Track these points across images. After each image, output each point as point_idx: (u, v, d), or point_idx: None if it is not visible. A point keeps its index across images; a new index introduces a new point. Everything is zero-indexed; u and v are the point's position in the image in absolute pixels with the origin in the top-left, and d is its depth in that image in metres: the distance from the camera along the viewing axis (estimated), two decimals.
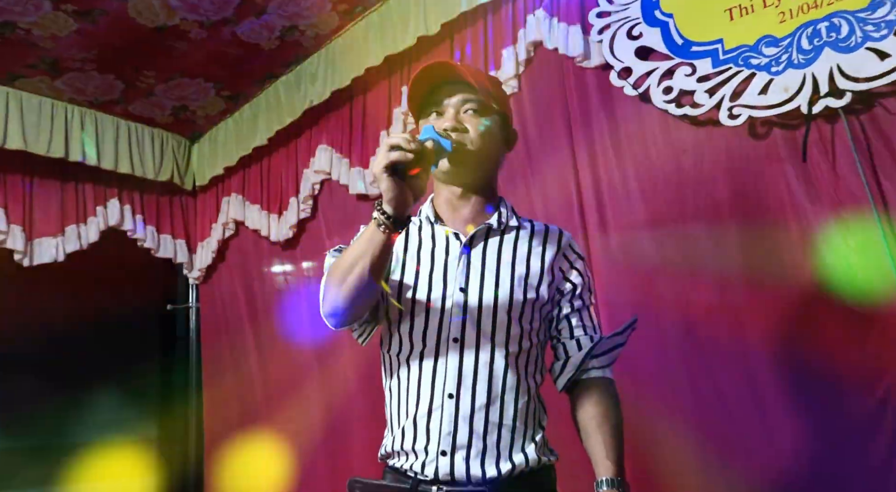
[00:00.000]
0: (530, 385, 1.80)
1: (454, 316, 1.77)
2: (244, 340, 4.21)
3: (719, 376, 2.58)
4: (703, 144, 2.67)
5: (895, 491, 2.25)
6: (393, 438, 1.81)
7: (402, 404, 1.81)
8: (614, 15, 2.83)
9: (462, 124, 1.77)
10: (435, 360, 1.77)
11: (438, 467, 1.71)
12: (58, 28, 3.24)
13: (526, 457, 1.74)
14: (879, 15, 2.30)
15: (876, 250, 2.30)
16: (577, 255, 1.92)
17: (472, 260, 1.81)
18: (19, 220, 3.64)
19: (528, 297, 1.79)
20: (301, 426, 3.83)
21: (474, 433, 1.72)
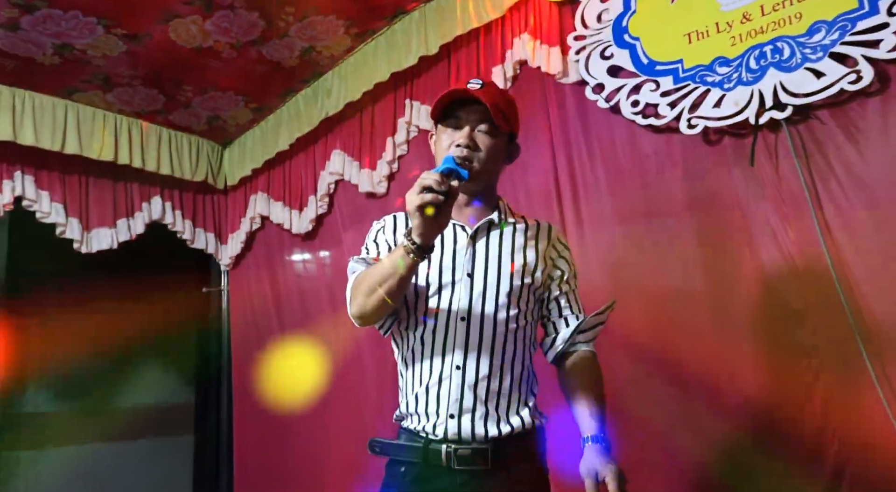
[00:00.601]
0: (525, 358, 1.83)
1: (462, 298, 1.78)
2: (268, 318, 4.22)
3: (675, 346, 2.59)
4: (665, 149, 2.67)
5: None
6: (407, 402, 1.83)
7: (415, 373, 1.83)
8: (589, 38, 2.83)
9: (474, 142, 1.78)
10: (445, 336, 1.78)
11: (448, 429, 1.74)
12: (109, 49, 3.24)
13: (521, 420, 1.77)
14: (816, 40, 2.31)
15: (813, 242, 2.31)
16: (564, 246, 1.95)
17: (478, 250, 1.83)
18: (76, 213, 3.65)
19: (525, 282, 1.82)
20: (318, 393, 3.83)
21: (478, 399, 1.75)
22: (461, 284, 1.80)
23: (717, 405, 2.50)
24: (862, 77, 2.21)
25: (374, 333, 1.98)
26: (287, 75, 3.70)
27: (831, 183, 2.30)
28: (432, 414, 1.77)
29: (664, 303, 2.62)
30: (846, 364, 2.23)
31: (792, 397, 2.34)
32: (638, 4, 2.75)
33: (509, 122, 1.84)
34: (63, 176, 3.64)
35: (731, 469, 2.46)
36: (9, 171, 3.45)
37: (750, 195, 2.47)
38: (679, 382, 2.57)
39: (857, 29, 2.23)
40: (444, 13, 3.21)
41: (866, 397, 2.17)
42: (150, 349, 5.02)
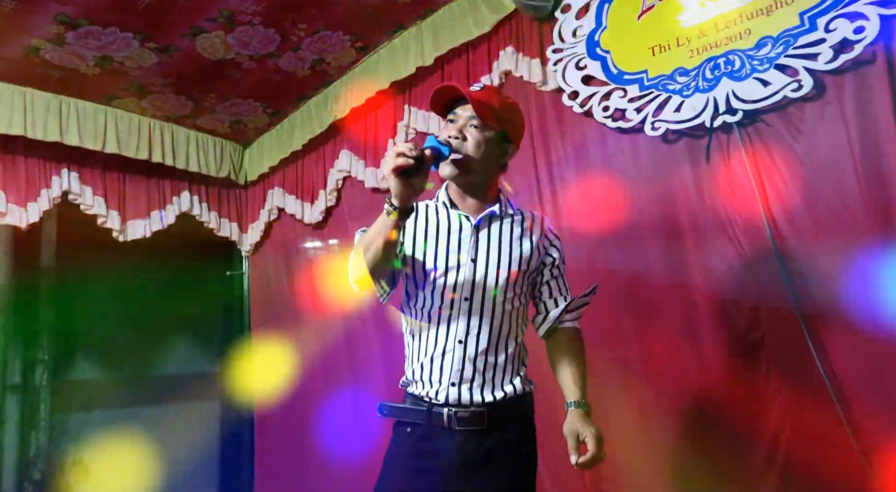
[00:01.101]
0: (518, 334, 1.85)
1: (466, 280, 1.79)
2: (283, 298, 4.23)
3: (641, 325, 2.63)
4: (631, 149, 2.70)
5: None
6: (413, 370, 1.85)
7: (421, 345, 1.84)
8: (566, 51, 2.85)
9: (462, 134, 1.78)
10: (449, 313, 1.80)
11: (449, 394, 1.76)
12: (143, 61, 3.24)
13: (514, 387, 1.80)
14: (763, 53, 2.34)
15: (759, 229, 2.35)
16: (555, 236, 1.96)
17: (481, 238, 1.84)
18: (115, 206, 3.67)
19: (522, 268, 1.84)
20: (329, 363, 3.86)
21: (477, 370, 1.77)
22: (466, 268, 1.80)
23: (669, 384, 2.55)
24: (802, 85, 2.24)
25: (377, 310, 2.00)
26: (300, 84, 3.71)
27: (775, 178, 2.33)
28: (436, 382, 1.79)
29: (629, 285, 2.65)
30: (786, 331, 2.27)
31: (740, 365, 2.38)
32: (608, 21, 2.76)
33: (500, 121, 1.83)
34: (104, 173, 3.65)
35: (686, 447, 2.50)
36: (56, 168, 3.47)
37: (705, 188, 2.50)
38: (637, 360, 2.62)
39: (799, 43, 2.26)
40: (438, 29, 3.22)
41: (802, 356, 2.21)
42: (181, 325, 5.04)
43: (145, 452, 4.80)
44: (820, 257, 2.22)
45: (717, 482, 2.38)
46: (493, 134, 1.83)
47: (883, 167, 2.10)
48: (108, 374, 4.76)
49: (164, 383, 4.95)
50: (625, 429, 2.60)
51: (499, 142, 1.86)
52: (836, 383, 2.15)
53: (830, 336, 2.18)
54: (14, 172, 3.32)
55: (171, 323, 4.96)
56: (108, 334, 4.72)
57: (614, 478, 2.62)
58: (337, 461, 3.72)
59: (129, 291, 4.56)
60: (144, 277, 4.46)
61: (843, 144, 2.19)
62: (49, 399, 4.43)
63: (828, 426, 2.14)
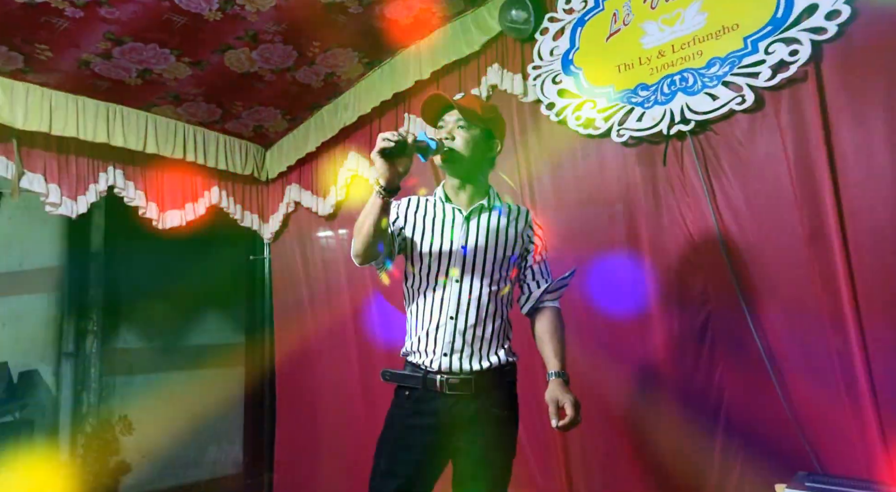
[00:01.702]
0: (503, 312, 1.87)
1: (457, 265, 1.82)
2: (299, 280, 4.23)
3: (605, 303, 2.65)
4: (599, 152, 2.72)
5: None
6: (411, 342, 1.88)
7: (418, 320, 1.86)
8: (544, 68, 2.86)
9: (451, 134, 1.82)
10: (442, 293, 1.82)
11: (441, 363, 1.79)
12: (179, 73, 3.24)
13: (498, 358, 1.83)
14: (712, 71, 2.36)
15: (707, 222, 2.37)
16: (537, 225, 1.97)
17: (471, 228, 1.86)
18: (154, 198, 3.66)
19: (507, 254, 1.86)
20: (338, 336, 3.88)
21: (466, 343, 1.80)
22: (457, 255, 1.83)
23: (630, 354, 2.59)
24: (745, 99, 2.27)
25: (381, 289, 2.02)
26: (314, 94, 3.70)
27: (722, 179, 2.36)
28: (430, 352, 1.82)
29: (595, 271, 2.65)
30: (729, 310, 2.30)
31: (690, 338, 2.41)
32: (580, 43, 2.77)
33: (483, 120, 1.86)
34: (144, 170, 3.65)
35: (643, 407, 2.53)
36: (104, 166, 3.46)
37: (662, 188, 2.53)
38: (602, 333, 2.64)
39: (743, 64, 2.28)
40: (434, 48, 3.22)
41: (742, 331, 2.25)
42: (211, 302, 5.05)
43: (179, 410, 4.83)
44: (758, 246, 2.26)
45: (671, 439, 2.42)
46: (479, 132, 1.86)
47: (812, 171, 2.14)
48: (148, 343, 4.78)
49: (196, 351, 4.97)
50: (591, 393, 2.65)
51: (485, 139, 1.88)
52: (770, 352, 2.19)
53: (766, 313, 2.22)
54: (67, 168, 3.31)
55: (203, 300, 4.97)
56: (149, 309, 4.74)
57: (581, 438, 2.66)
58: (346, 420, 3.75)
59: (166, 272, 4.57)
60: (180, 260, 4.48)
61: (778, 150, 2.22)
62: (98, 364, 4.46)
63: (763, 389, 2.19)
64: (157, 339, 4.80)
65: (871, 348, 1.98)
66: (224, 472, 5.16)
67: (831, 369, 2.06)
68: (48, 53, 2.91)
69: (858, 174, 2.06)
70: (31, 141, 3.19)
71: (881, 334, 1.97)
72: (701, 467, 2.32)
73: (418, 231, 1.89)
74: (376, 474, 1.83)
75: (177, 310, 4.86)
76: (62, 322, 4.40)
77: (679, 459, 2.39)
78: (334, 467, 3.81)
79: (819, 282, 2.09)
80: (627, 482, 2.54)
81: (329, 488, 3.82)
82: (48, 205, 3.25)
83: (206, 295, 4.89)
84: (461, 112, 1.83)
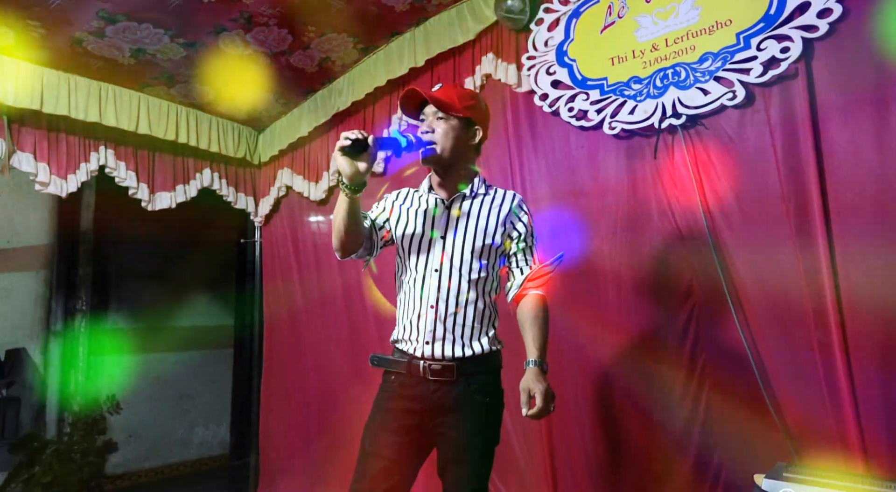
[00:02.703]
0: (486, 300, 1.86)
1: (436, 255, 1.84)
2: (289, 263, 4.22)
3: (594, 294, 2.66)
4: (591, 144, 2.71)
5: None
6: (398, 330, 1.90)
7: (404, 309, 1.89)
8: (538, 58, 2.85)
9: (431, 127, 1.84)
10: (423, 282, 1.84)
11: (424, 351, 1.81)
12: (172, 54, 3.21)
13: (481, 346, 1.83)
14: (705, 67, 2.35)
15: (696, 215, 2.38)
16: (523, 211, 1.95)
17: (451, 217, 1.87)
18: (145, 179, 3.63)
19: (486, 242, 1.85)
20: (328, 318, 3.87)
21: (447, 330, 1.81)
22: (437, 245, 1.85)
23: (618, 344, 2.59)
24: (736, 95, 2.27)
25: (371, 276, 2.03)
26: (308, 78, 3.67)
27: (711, 172, 2.37)
28: (414, 340, 1.84)
29: (585, 262, 2.67)
30: (714, 303, 2.32)
31: (676, 329, 2.43)
32: (575, 34, 2.76)
33: (462, 109, 1.86)
34: (136, 150, 3.61)
35: (626, 394, 2.55)
36: (94, 145, 3.42)
37: (651, 180, 2.53)
38: (591, 323, 2.65)
39: (735, 59, 2.28)
40: (429, 36, 3.20)
41: (727, 324, 2.27)
42: (201, 284, 5.05)
43: (167, 391, 4.83)
44: (745, 240, 2.27)
45: (653, 428, 2.44)
46: (459, 121, 1.86)
47: (800, 168, 2.14)
48: (137, 323, 4.77)
49: (185, 333, 4.97)
50: (574, 383, 2.67)
51: (465, 127, 1.88)
52: (753, 345, 2.21)
53: (751, 307, 2.24)
54: (57, 147, 3.28)
55: (193, 282, 4.97)
56: (138, 290, 4.73)
57: (565, 428, 2.68)
58: (332, 403, 3.76)
59: (156, 253, 4.56)
60: (170, 241, 4.47)
61: (767, 146, 2.23)
62: (86, 344, 4.45)
63: (744, 382, 2.21)
64: (146, 319, 4.79)
65: (851, 344, 2.00)
66: (211, 452, 5.18)
67: (812, 363, 2.08)
68: (40, 30, 2.87)
69: (845, 172, 2.07)
70: (22, 119, 3.15)
71: (863, 330, 1.99)
72: (681, 457, 2.35)
73: (402, 222, 1.92)
74: (361, 456, 1.85)
75: (166, 291, 4.85)
76: (51, 301, 4.38)
77: (659, 447, 2.41)
78: (319, 449, 3.82)
79: (804, 277, 2.11)
80: (609, 470, 2.56)
81: (314, 471, 3.83)
82: (37, 184, 3.22)
83: (196, 277, 4.89)
84: (437, 104, 1.84)
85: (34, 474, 3.82)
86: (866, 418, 1.96)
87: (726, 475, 2.24)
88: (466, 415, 1.80)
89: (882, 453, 1.93)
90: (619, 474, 2.53)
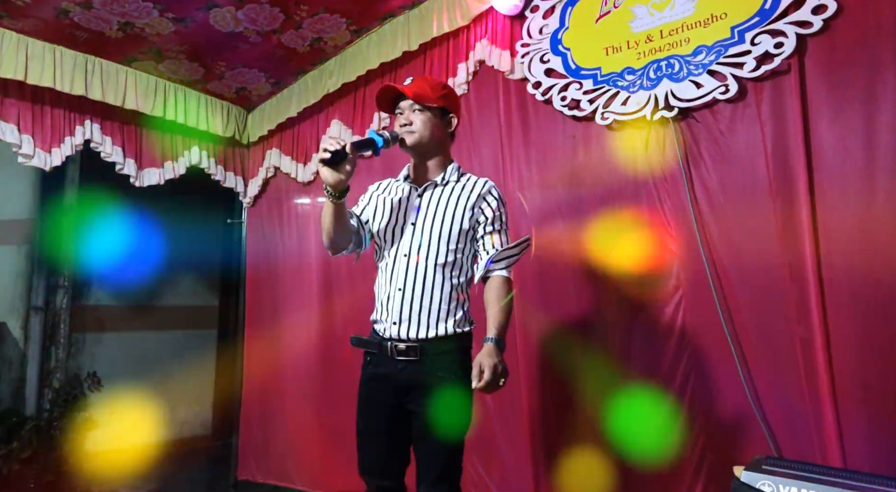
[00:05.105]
0: (453, 283, 1.93)
1: (406, 240, 1.94)
2: (276, 244, 4.19)
3: (585, 279, 2.67)
4: (583, 134, 2.71)
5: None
6: (374, 311, 1.99)
7: (378, 291, 1.99)
8: (532, 46, 2.84)
9: (409, 119, 1.93)
10: (393, 266, 1.94)
11: (392, 331, 1.91)
12: (161, 28, 3.15)
13: (445, 328, 1.89)
14: (698, 59, 2.36)
15: (684, 207, 2.39)
16: (492, 197, 2.00)
17: (422, 205, 1.96)
18: (132, 155, 3.57)
19: (454, 227, 1.93)
20: (312, 299, 3.85)
21: (413, 312, 1.89)
22: (408, 231, 1.94)
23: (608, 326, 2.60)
24: (729, 89, 2.28)
25: (351, 257, 2.04)
26: (299, 59, 3.63)
27: (700, 166, 2.38)
28: (385, 321, 1.93)
29: (575, 250, 2.68)
30: (701, 296, 2.33)
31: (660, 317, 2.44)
32: (570, 22, 2.76)
33: (436, 98, 1.95)
34: (123, 125, 3.54)
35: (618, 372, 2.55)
36: (80, 119, 3.36)
37: (641, 173, 2.53)
38: (583, 309, 2.66)
39: (729, 53, 2.29)
40: (424, 20, 3.17)
41: (712, 317, 2.28)
42: (186, 263, 5.01)
43: (150, 370, 4.80)
44: (732, 234, 2.29)
45: (636, 418, 2.45)
46: (435, 111, 1.95)
47: (789, 164, 2.16)
48: (120, 301, 4.73)
49: (168, 312, 4.94)
50: (560, 369, 2.68)
51: (441, 116, 1.98)
52: (737, 338, 2.24)
53: (736, 301, 2.27)
54: (42, 120, 3.21)
55: (178, 261, 4.92)
56: (122, 267, 4.67)
57: (547, 418, 2.69)
58: (313, 386, 3.76)
59: (141, 231, 4.51)
60: (156, 219, 4.42)
61: (758, 141, 2.24)
62: (68, 320, 4.41)
63: (727, 375, 2.24)
64: (129, 297, 4.75)
65: (833, 339, 2.02)
66: (193, 433, 5.17)
67: (794, 358, 2.10)
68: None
69: (833, 169, 2.09)
70: (5, 89, 3.08)
71: (844, 326, 2.01)
72: (663, 448, 2.36)
73: (379, 211, 2.02)
74: (357, 434, 1.99)
75: (152, 270, 4.80)
76: (32, 276, 4.33)
77: (641, 438, 2.42)
78: (299, 433, 3.82)
79: (788, 272, 2.13)
80: (590, 457, 2.57)
81: (294, 453, 3.83)
82: (21, 156, 3.16)
83: (181, 256, 4.84)
84: (414, 97, 1.92)
85: (13, 450, 3.79)
86: (844, 413, 1.98)
87: (708, 467, 2.26)
88: (431, 391, 1.86)
89: (859, 448, 1.95)
90: (600, 463, 2.54)
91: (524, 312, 2.76)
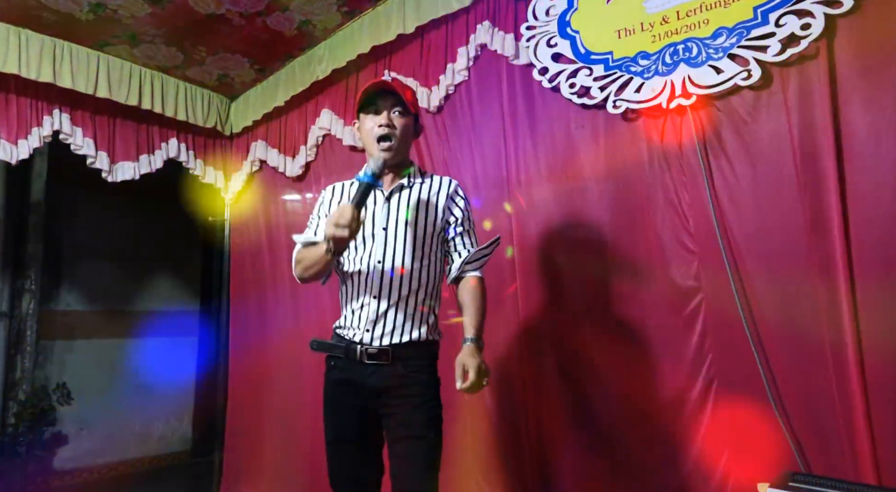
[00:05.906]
0: (428, 289, 2.05)
1: (378, 247, 2.02)
2: (260, 243, 4.20)
3: (596, 283, 2.66)
4: (593, 124, 2.70)
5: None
6: (343, 316, 2.08)
7: (347, 298, 2.08)
8: (538, 29, 2.83)
9: (391, 122, 2.02)
10: (367, 273, 2.01)
11: (364, 337, 1.99)
12: (136, 10, 3.15)
13: (419, 335, 2.01)
14: (718, 43, 2.34)
15: (703, 203, 2.38)
16: (460, 197, 2.15)
17: (391, 208, 2.05)
18: (105, 148, 3.57)
19: (428, 230, 2.05)
20: (296, 309, 3.87)
21: (387, 320, 2.00)
22: (379, 237, 2.02)
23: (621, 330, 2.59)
24: (752, 75, 2.26)
25: None
26: (286, 43, 3.63)
27: (721, 159, 2.36)
28: (356, 327, 2.02)
29: (584, 250, 2.67)
30: (722, 299, 2.32)
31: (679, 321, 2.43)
32: (579, 3, 2.74)
33: (415, 105, 2.11)
34: (94, 116, 3.54)
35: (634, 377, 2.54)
36: (48, 108, 3.36)
37: (657, 165, 2.52)
38: (595, 310, 2.65)
39: (751, 35, 2.27)
40: (420, 0, 3.17)
41: (735, 321, 2.27)
42: (165, 264, 5.00)
43: (125, 381, 4.79)
44: (756, 232, 2.27)
45: (655, 428, 2.44)
46: (410, 118, 2.08)
47: (817, 155, 2.14)
48: (91, 306, 4.72)
49: (145, 317, 4.92)
50: (576, 371, 2.67)
51: (414, 122, 2.12)
52: (761, 345, 2.21)
53: (761, 304, 2.23)
54: (6, 109, 3.21)
55: (155, 262, 4.92)
56: (94, 269, 4.67)
57: (556, 431, 2.68)
58: (299, 398, 3.75)
59: (115, 229, 4.51)
60: (131, 217, 4.41)
61: (784, 131, 2.22)
62: (35, 327, 4.39)
63: (752, 384, 2.21)
64: (102, 301, 4.74)
65: (865, 344, 2.01)
66: (171, 449, 5.16)
67: (823, 365, 2.08)
68: None
69: (865, 160, 2.07)
70: None
71: (878, 330, 1.99)
72: (684, 462, 2.35)
73: None
74: (326, 445, 2.06)
75: (125, 271, 4.80)
76: None
77: (661, 452, 2.42)
78: (286, 446, 3.81)
79: (817, 273, 2.11)
80: (606, 472, 2.57)
81: (281, 470, 3.82)
82: None
83: (159, 256, 4.84)
84: (407, 103, 2.03)
85: None
86: (878, 425, 1.97)
87: (731, 483, 2.25)
88: (402, 393, 1.97)
89: (895, 463, 1.94)
90: (619, 481, 2.53)
91: (524, 312, 2.77)
